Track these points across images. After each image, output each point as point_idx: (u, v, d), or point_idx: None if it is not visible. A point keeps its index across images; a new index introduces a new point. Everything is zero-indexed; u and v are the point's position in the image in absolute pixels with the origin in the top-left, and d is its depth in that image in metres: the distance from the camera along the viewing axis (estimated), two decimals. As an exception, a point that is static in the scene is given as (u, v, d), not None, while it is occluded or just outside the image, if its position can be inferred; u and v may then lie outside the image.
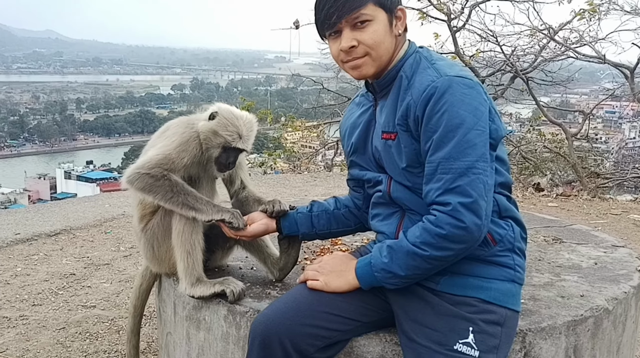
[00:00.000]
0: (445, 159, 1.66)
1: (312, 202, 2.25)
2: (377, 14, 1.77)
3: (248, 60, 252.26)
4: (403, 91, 1.78)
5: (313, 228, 2.20)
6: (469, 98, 1.67)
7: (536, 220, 3.30)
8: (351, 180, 2.15)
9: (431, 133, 1.68)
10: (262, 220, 2.19)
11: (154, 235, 2.27)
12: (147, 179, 2.13)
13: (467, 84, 1.69)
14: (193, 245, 2.17)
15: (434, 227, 1.66)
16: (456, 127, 1.65)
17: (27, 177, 65.77)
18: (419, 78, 1.75)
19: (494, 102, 1.79)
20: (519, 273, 1.80)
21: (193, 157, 2.23)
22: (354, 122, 2.02)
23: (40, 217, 5.88)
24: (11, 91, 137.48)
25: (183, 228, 2.15)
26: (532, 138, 11.08)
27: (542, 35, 8.85)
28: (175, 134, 2.26)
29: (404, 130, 1.77)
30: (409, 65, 1.81)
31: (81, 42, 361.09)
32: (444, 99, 1.66)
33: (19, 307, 3.83)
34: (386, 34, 1.79)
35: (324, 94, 12.12)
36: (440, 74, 1.71)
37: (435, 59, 1.80)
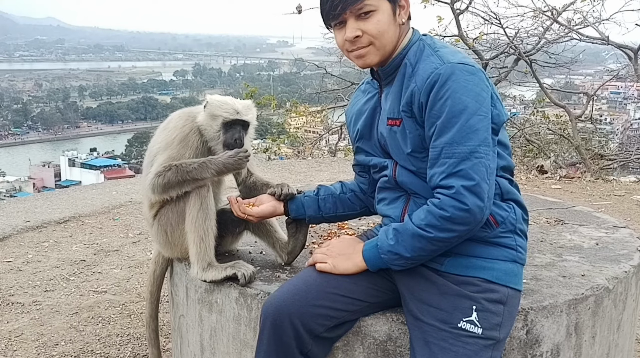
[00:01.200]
0: (449, 143, 1.71)
1: (319, 186, 2.31)
2: (381, 4, 1.81)
3: (250, 45, 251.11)
4: (407, 78, 1.83)
5: (320, 212, 2.25)
6: (471, 84, 1.72)
7: (539, 202, 3.35)
8: (357, 165, 2.20)
9: (435, 119, 1.73)
10: (270, 202, 2.25)
11: (168, 221, 2.33)
12: (159, 180, 2.23)
13: (470, 71, 1.74)
14: (206, 231, 2.24)
15: (438, 209, 1.71)
16: (459, 113, 1.70)
17: (31, 165, 66.02)
18: (422, 65, 1.80)
19: (495, 87, 1.84)
20: (520, 253, 1.86)
21: (195, 150, 2.30)
22: (360, 108, 2.07)
23: (49, 204, 5.96)
24: (14, 79, 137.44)
25: (197, 214, 2.22)
26: (535, 120, 11.09)
27: (546, 17, 8.83)
28: (176, 127, 2.33)
29: (409, 116, 1.81)
30: (412, 53, 1.86)
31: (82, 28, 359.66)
32: (447, 85, 1.71)
33: (32, 293, 3.91)
34: (390, 24, 1.83)
35: (327, 79, 12.12)
36: (444, 61, 1.75)
37: (439, 47, 1.84)
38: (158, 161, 2.29)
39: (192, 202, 2.25)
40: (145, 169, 2.44)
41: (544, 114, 11.31)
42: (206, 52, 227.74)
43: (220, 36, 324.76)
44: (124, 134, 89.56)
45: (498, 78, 9.73)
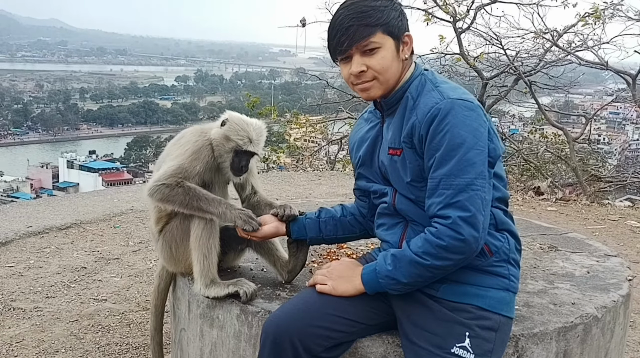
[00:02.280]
0: (447, 175, 1.80)
1: (321, 208, 2.39)
2: (385, 42, 1.90)
3: (253, 53, 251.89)
4: (409, 111, 1.92)
5: (320, 233, 2.33)
6: (469, 119, 1.81)
7: (533, 227, 3.43)
8: (358, 190, 2.28)
9: (434, 151, 1.82)
10: (272, 223, 2.33)
11: (173, 237, 2.41)
12: (163, 190, 2.29)
13: (468, 107, 1.83)
14: (209, 249, 2.31)
15: (435, 238, 1.80)
16: (457, 147, 1.79)
17: (29, 166, 66.06)
18: (423, 99, 1.89)
19: (492, 123, 1.93)
20: (513, 282, 1.94)
21: (205, 164, 2.37)
22: (363, 136, 2.15)
23: (51, 210, 6.02)
24: (15, 79, 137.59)
25: (201, 233, 2.30)
26: (534, 139, 11.19)
27: (546, 39, 8.95)
28: (189, 142, 2.41)
29: (409, 147, 1.90)
30: (414, 87, 1.95)
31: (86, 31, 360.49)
32: (446, 120, 1.80)
33: (33, 299, 3.97)
34: (393, 60, 1.92)
35: (328, 90, 12.23)
36: (444, 97, 1.85)
37: (439, 82, 1.94)
38: (167, 166, 2.35)
39: (197, 221, 2.33)
40: None
41: (542, 133, 11.42)
42: (209, 58, 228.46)
43: (223, 43, 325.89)
44: (123, 137, 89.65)
45: (497, 97, 9.85)
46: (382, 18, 1.87)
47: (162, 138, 67.05)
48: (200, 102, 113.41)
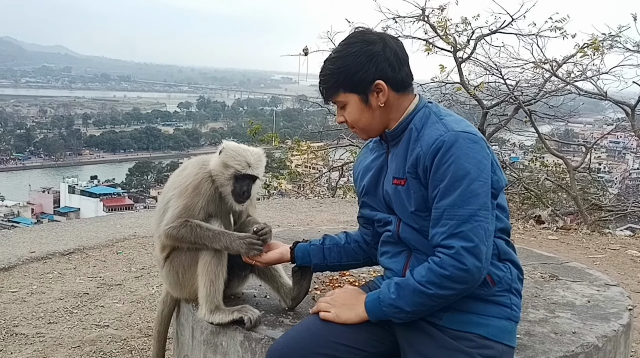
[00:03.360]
0: (451, 206, 1.84)
1: (325, 235, 2.42)
2: (349, 99, 2.02)
3: (255, 80, 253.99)
4: (413, 142, 1.97)
5: (324, 260, 2.37)
6: (473, 152, 1.86)
7: (534, 256, 3.46)
8: (362, 217, 2.32)
9: (438, 182, 1.87)
10: (277, 249, 2.38)
11: (180, 263, 2.46)
12: (172, 232, 2.39)
13: (472, 139, 1.88)
14: (217, 276, 2.36)
15: (439, 268, 1.83)
16: (461, 178, 1.83)
17: (31, 191, 66.09)
18: (428, 131, 1.94)
19: (495, 155, 1.98)
20: (515, 312, 1.97)
21: (208, 197, 2.44)
22: (367, 165, 2.20)
23: (55, 236, 6.04)
24: (19, 104, 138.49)
25: (211, 259, 2.36)
26: (534, 167, 11.25)
27: (545, 69, 9.06)
28: (190, 175, 2.47)
29: (414, 178, 1.95)
30: (418, 119, 2.01)
31: (90, 58, 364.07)
32: (450, 151, 1.85)
33: (36, 325, 3.97)
34: (362, 112, 2.03)
35: (329, 117, 12.33)
36: (448, 129, 1.90)
37: (443, 115, 1.99)
38: (172, 208, 2.43)
39: None
40: (158, 212, 2.56)
41: (542, 162, 11.48)
42: (211, 85, 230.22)
43: (225, 70, 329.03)
44: (125, 162, 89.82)
45: (498, 125, 9.93)
46: (339, 80, 1.99)
47: (164, 163, 67.35)
48: (202, 128, 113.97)
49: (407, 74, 2.03)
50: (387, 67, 1.97)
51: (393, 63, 1.98)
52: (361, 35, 2.03)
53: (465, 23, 8.92)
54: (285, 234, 3.57)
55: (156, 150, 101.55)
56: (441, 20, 8.93)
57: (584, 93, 8.93)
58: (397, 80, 2.00)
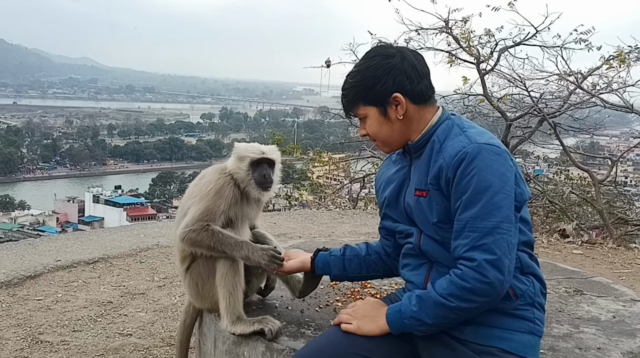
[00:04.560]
0: (473, 218, 1.83)
1: (345, 246, 2.43)
2: (369, 111, 2.05)
3: (277, 92, 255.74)
4: (435, 153, 1.97)
5: (345, 271, 2.37)
6: (496, 164, 1.86)
7: (559, 270, 3.42)
8: (383, 229, 2.32)
9: (461, 194, 1.86)
10: (298, 258, 2.40)
11: (199, 275, 2.49)
12: (191, 235, 2.40)
13: (495, 151, 1.88)
14: (235, 287, 2.38)
15: (460, 280, 1.83)
16: (484, 190, 1.83)
17: (56, 200, 67.17)
18: (450, 143, 1.94)
19: (519, 167, 1.97)
20: (538, 326, 1.95)
21: (230, 200, 2.46)
22: (390, 177, 2.20)
23: (80, 244, 6.14)
24: (46, 115, 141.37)
25: (226, 271, 2.38)
26: (559, 180, 11.09)
27: (570, 82, 8.97)
28: (211, 181, 2.51)
29: (436, 189, 1.95)
30: (442, 131, 2.01)
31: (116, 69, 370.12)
32: (473, 163, 1.85)
33: (60, 332, 4.03)
34: (381, 125, 2.05)
35: (350, 128, 12.34)
36: (471, 141, 1.90)
37: (467, 127, 1.99)
38: (193, 211, 2.44)
39: (222, 259, 2.41)
40: (177, 222, 2.60)
41: (567, 175, 11.32)
42: (234, 96, 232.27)
43: (248, 82, 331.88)
44: (149, 173, 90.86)
45: (522, 137, 9.84)
46: (358, 93, 2.03)
47: (187, 174, 67.87)
48: (225, 139, 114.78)
49: (426, 86, 2.04)
50: (404, 79, 1.99)
51: (411, 76, 2.00)
52: (380, 49, 2.07)
53: (489, 35, 8.88)
54: (306, 245, 3.58)
55: (179, 160, 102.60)
56: (464, 32, 8.90)
57: (609, 105, 8.80)
58: (416, 92, 2.01)
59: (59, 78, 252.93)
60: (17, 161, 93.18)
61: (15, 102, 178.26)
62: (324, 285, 2.93)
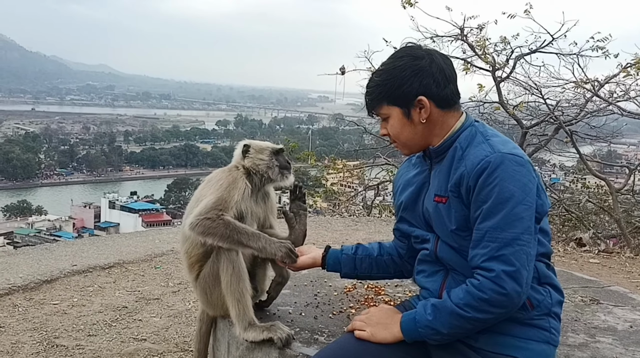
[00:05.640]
0: (493, 228, 1.81)
1: (358, 244, 2.43)
2: (391, 112, 2.03)
3: (292, 99, 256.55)
4: (457, 160, 1.95)
5: (355, 271, 2.38)
6: (519, 175, 1.83)
7: (575, 279, 3.39)
8: (398, 230, 2.30)
9: (481, 203, 1.84)
10: (310, 254, 2.40)
11: (207, 284, 2.50)
12: (205, 222, 2.37)
13: (519, 162, 1.85)
14: (241, 293, 2.39)
15: (477, 291, 1.81)
16: (505, 201, 1.81)
17: (73, 205, 67.81)
18: (473, 151, 1.92)
19: (541, 179, 1.95)
20: (554, 335, 1.93)
21: (242, 193, 2.49)
22: (409, 180, 2.18)
23: (95, 249, 6.19)
24: (63, 121, 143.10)
25: (230, 278, 2.38)
26: (576, 189, 10.98)
27: (586, 89, 8.90)
28: (222, 178, 2.54)
29: (456, 196, 1.93)
30: (464, 137, 1.99)
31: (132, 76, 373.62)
32: (496, 173, 1.83)
33: (76, 337, 4.06)
34: (403, 126, 2.03)
35: (365, 136, 12.33)
36: (494, 150, 1.87)
37: (490, 135, 1.97)
38: (206, 201, 2.43)
39: (224, 267, 2.40)
40: (184, 223, 2.59)
41: (584, 183, 11.20)
42: (249, 103, 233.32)
43: (263, 89, 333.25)
44: (164, 179, 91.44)
45: (537, 145, 9.77)
46: (382, 93, 2.01)
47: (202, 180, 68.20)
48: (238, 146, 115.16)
49: (452, 91, 2.01)
50: (431, 83, 1.97)
51: (438, 79, 1.98)
52: (409, 50, 2.04)
53: (505, 42, 8.85)
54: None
55: (194, 167, 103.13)
56: (480, 39, 8.88)
57: (627, 113, 8.73)
58: (442, 97, 1.99)
59: (77, 85, 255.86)
60: (34, 167, 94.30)
61: (33, 108, 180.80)
62: (337, 292, 2.94)
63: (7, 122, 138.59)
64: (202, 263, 2.53)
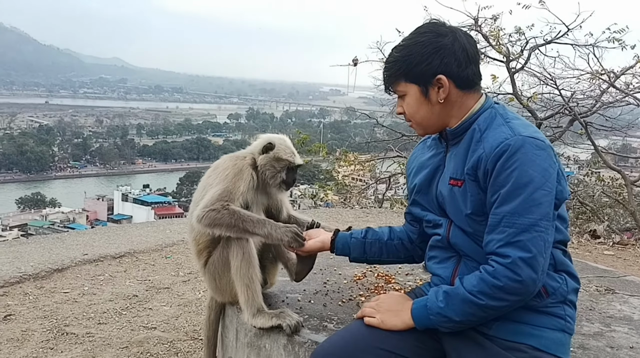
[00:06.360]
0: (510, 213, 1.76)
1: (368, 228, 2.37)
2: (409, 89, 1.96)
3: (303, 92, 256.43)
4: (475, 143, 1.89)
5: (364, 255, 2.32)
6: (539, 159, 1.77)
7: (589, 269, 3.33)
8: (410, 214, 2.25)
9: (499, 187, 1.78)
10: (318, 238, 2.35)
11: (216, 270, 2.47)
12: (211, 214, 2.35)
13: (539, 146, 1.79)
14: (251, 279, 2.36)
15: (491, 278, 1.76)
16: (524, 185, 1.75)
17: (86, 198, 68.39)
18: (492, 133, 1.86)
19: (562, 165, 1.88)
20: (569, 323, 1.88)
21: (247, 184, 2.46)
22: (423, 162, 2.12)
23: (106, 239, 6.20)
24: (77, 114, 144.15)
25: (240, 264, 2.36)
26: (590, 182, 10.87)
27: (602, 80, 8.78)
28: (228, 167, 2.50)
29: (472, 180, 1.87)
30: (483, 119, 1.92)
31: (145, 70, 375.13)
32: (515, 156, 1.76)
33: (86, 325, 4.07)
34: (420, 105, 1.96)
35: (377, 128, 12.25)
36: (515, 133, 1.81)
37: (511, 118, 1.90)
38: (211, 193, 2.42)
39: (234, 252, 2.38)
40: (191, 212, 2.58)
41: (598, 176, 11.08)
42: (260, 97, 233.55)
43: (274, 82, 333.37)
44: (176, 172, 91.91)
45: (552, 137, 9.66)
46: (402, 68, 1.94)
47: (212, 171, 68.34)
48: (251, 139, 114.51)
49: (474, 72, 1.94)
50: (452, 62, 1.90)
51: (460, 59, 1.91)
52: (433, 26, 1.96)
53: (519, 33, 8.75)
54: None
55: (206, 160, 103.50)
56: (494, 29, 8.78)
57: (643, 104, 8.59)
58: (462, 77, 1.92)
59: (90, 78, 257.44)
60: (48, 159, 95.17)
61: (47, 101, 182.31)
62: (347, 280, 2.90)
63: (21, 115, 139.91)
64: (211, 249, 2.52)
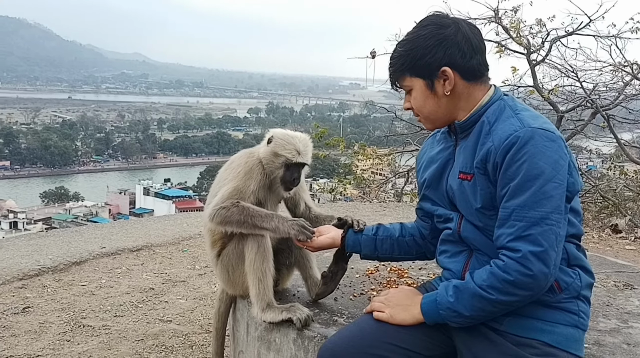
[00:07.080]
0: (521, 206, 1.72)
1: (378, 225, 2.33)
2: (414, 83, 1.93)
3: (323, 86, 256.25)
4: (484, 135, 1.85)
5: (376, 252, 2.29)
6: (550, 151, 1.73)
7: (608, 264, 3.26)
8: (421, 210, 2.22)
9: (509, 180, 1.75)
10: (330, 234, 2.31)
11: (229, 261, 2.47)
12: (221, 212, 2.36)
13: (550, 137, 1.74)
14: (264, 273, 2.35)
15: (502, 272, 1.72)
16: (534, 178, 1.71)
17: (108, 192, 69.21)
18: (501, 125, 1.82)
19: (573, 156, 1.84)
20: (582, 319, 1.83)
21: (258, 182, 2.45)
22: (433, 157, 2.09)
23: (124, 232, 6.26)
24: (99, 109, 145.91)
25: (255, 257, 2.35)
26: (613, 176, 10.68)
27: (625, 72, 8.61)
28: (240, 164, 2.49)
29: (482, 173, 1.83)
30: (492, 111, 1.89)
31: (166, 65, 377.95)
32: (525, 148, 1.73)
33: (102, 317, 4.11)
34: (426, 98, 1.93)
35: (396, 122, 12.18)
36: (524, 125, 1.77)
37: (520, 109, 1.86)
38: (223, 191, 2.43)
39: (250, 245, 2.37)
40: (207, 205, 2.58)
41: (621, 170, 10.89)
42: (280, 91, 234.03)
43: (294, 76, 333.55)
44: (197, 166, 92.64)
45: (574, 131, 9.51)
46: (406, 63, 1.91)
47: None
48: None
49: (479, 62, 1.90)
50: (456, 53, 1.86)
51: (464, 49, 1.87)
52: (435, 19, 1.93)
53: (540, 24, 8.61)
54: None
55: (226, 154, 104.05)
56: (514, 21, 8.66)
57: (667, 96, 8.41)
58: (467, 68, 1.88)
59: (112, 73, 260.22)
60: (71, 154, 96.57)
61: (70, 96, 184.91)
62: (359, 274, 2.89)
63: (45, 110, 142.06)
64: (225, 241, 2.52)
